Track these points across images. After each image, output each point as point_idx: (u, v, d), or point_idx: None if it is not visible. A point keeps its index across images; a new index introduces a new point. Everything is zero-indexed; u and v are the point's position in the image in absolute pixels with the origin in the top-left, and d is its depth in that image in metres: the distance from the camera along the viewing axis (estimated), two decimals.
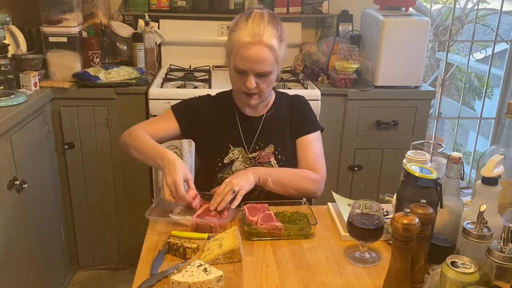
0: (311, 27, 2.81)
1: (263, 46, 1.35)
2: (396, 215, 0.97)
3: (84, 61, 2.30)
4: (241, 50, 1.37)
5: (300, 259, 1.18)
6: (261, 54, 1.36)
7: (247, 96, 1.45)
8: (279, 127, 1.55)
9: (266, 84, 1.42)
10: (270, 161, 1.52)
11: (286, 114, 1.58)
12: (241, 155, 1.51)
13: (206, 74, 2.47)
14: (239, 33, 1.38)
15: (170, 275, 1.07)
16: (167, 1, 2.57)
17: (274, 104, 1.58)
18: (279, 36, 1.39)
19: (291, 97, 1.63)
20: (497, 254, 0.88)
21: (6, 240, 1.73)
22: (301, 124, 1.56)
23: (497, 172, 1.03)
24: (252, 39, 1.35)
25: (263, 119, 1.56)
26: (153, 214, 1.31)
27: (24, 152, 1.90)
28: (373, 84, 2.34)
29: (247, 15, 1.40)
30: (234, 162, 1.51)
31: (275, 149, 1.53)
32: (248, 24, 1.37)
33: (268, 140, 1.53)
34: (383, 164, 2.44)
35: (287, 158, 1.53)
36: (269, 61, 1.38)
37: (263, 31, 1.35)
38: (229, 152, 1.51)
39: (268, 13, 1.41)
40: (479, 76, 4.89)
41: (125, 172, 2.32)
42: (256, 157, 1.52)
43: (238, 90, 1.45)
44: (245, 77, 1.40)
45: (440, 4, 4.18)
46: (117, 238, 2.45)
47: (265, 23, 1.37)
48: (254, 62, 1.37)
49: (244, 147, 1.53)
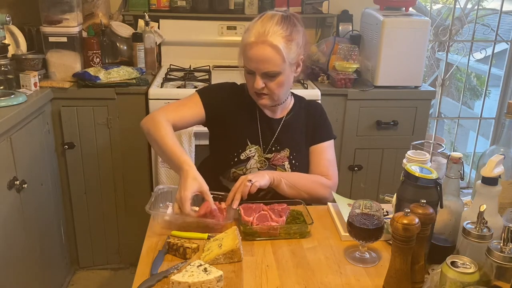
0: (311, 27, 2.81)
1: (266, 46, 1.36)
2: (396, 215, 0.97)
3: (84, 61, 2.30)
4: (246, 50, 1.38)
5: (300, 259, 1.18)
6: (264, 53, 1.36)
7: (257, 96, 1.46)
8: (296, 132, 1.56)
9: (275, 85, 1.42)
10: (284, 164, 1.53)
11: (304, 120, 1.58)
12: (258, 154, 1.52)
13: (206, 74, 2.47)
14: (247, 34, 1.39)
15: (170, 275, 1.07)
16: (167, 1, 2.57)
17: (293, 109, 1.59)
18: (287, 36, 1.38)
19: (309, 104, 1.63)
20: (497, 254, 0.88)
21: (6, 240, 1.73)
22: (317, 131, 1.58)
23: (497, 172, 1.03)
24: (256, 39, 1.36)
25: (282, 122, 1.56)
26: (153, 208, 1.31)
27: (24, 152, 1.90)
28: (373, 84, 2.34)
29: (259, 16, 1.41)
30: (250, 159, 1.51)
31: (290, 153, 1.53)
32: (256, 24, 1.38)
33: (284, 143, 1.54)
34: (383, 164, 2.44)
35: (300, 164, 1.54)
36: (275, 61, 1.37)
37: (268, 31, 1.36)
38: (246, 149, 1.51)
39: (282, 14, 1.40)
40: (479, 76, 4.90)
41: (125, 172, 2.32)
42: (271, 158, 1.53)
43: (251, 90, 1.46)
44: (254, 77, 1.41)
45: (440, 4, 4.19)
46: (117, 238, 2.45)
47: (272, 23, 1.37)
48: (259, 61, 1.37)
49: (261, 147, 1.53)
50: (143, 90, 2.20)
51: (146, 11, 2.52)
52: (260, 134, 1.53)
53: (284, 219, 1.29)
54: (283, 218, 1.29)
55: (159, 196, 1.37)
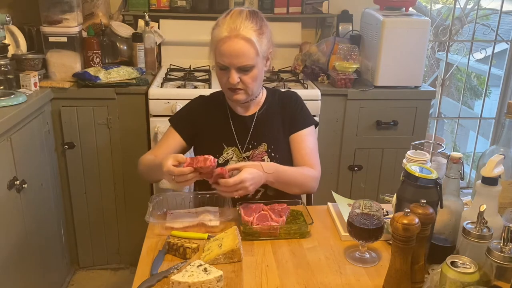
0: (311, 27, 2.81)
1: (240, 39, 1.37)
2: (396, 215, 0.97)
3: (84, 61, 2.30)
4: (219, 45, 1.39)
5: (300, 259, 1.18)
6: (238, 47, 1.37)
7: (232, 91, 1.45)
8: (271, 125, 1.56)
9: (250, 79, 1.43)
10: (263, 159, 1.52)
11: (278, 111, 1.58)
12: (235, 155, 1.52)
13: (206, 74, 2.47)
14: (218, 30, 1.40)
15: (170, 275, 1.08)
16: (167, 1, 2.57)
17: (266, 102, 1.59)
18: (258, 30, 1.40)
19: (283, 94, 1.63)
20: (497, 254, 0.88)
21: (6, 240, 1.73)
22: (294, 120, 1.56)
23: (497, 172, 1.03)
24: (229, 33, 1.37)
25: (255, 118, 1.56)
26: (152, 216, 1.31)
27: (24, 152, 1.90)
28: (373, 84, 2.34)
29: (226, 13, 1.42)
30: (228, 162, 1.51)
31: (268, 147, 1.53)
32: (226, 20, 1.40)
33: (261, 139, 1.54)
34: (383, 164, 2.44)
35: (280, 156, 1.53)
36: (249, 54, 1.38)
37: (239, 26, 1.37)
38: (223, 152, 1.52)
39: (248, 10, 1.43)
40: (479, 76, 4.90)
41: (125, 172, 2.32)
42: (249, 156, 1.53)
43: (224, 87, 1.47)
44: (228, 73, 1.41)
45: (440, 4, 4.19)
46: (117, 238, 2.45)
47: (242, 18, 1.39)
48: (233, 56, 1.38)
49: (238, 147, 1.53)
50: (143, 90, 2.20)
51: (146, 11, 2.52)
52: (235, 134, 1.54)
53: (284, 219, 1.29)
54: (283, 218, 1.29)
55: (156, 205, 1.37)
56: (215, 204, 1.40)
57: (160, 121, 2.17)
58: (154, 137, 2.20)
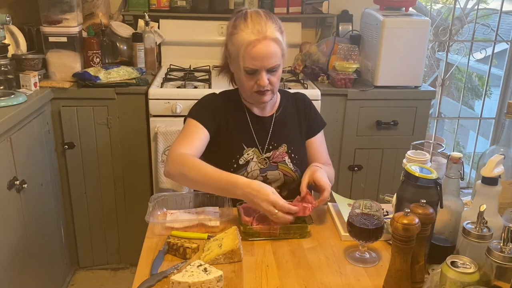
0: (311, 27, 2.81)
1: (269, 41, 1.36)
2: (396, 215, 0.97)
3: (84, 61, 2.31)
4: (248, 49, 1.36)
5: (300, 259, 1.18)
6: (269, 49, 1.37)
7: (260, 94, 1.44)
8: (289, 127, 1.57)
9: (277, 79, 1.44)
10: (284, 160, 1.53)
11: (294, 114, 1.60)
12: (256, 156, 1.51)
13: (206, 74, 2.47)
14: (241, 35, 1.37)
15: (170, 275, 1.07)
16: (167, 1, 2.57)
17: (281, 104, 1.59)
18: (279, 29, 1.40)
19: (294, 96, 1.64)
20: (497, 254, 0.88)
21: (6, 240, 1.73)
22: (311, 125, 1.61)
23: (497, 172, 1.03)
24: (257, 36, 1.35)
25: (274, 119, 1.56)
26: (152, 216, 1.31)
27: (24, 152, 1.90)
28: (373, 84, 2.34)
29: (243, 16, 1.40)
30: (249, 163, 1.50)
31: (288, 148, 1.54)
32: (248, 23, 1.37)
33: (280, 139, 1.54)
34: (383, 164, 2.44)
35: (300, 156, 1.55)
36: (278, 54, 1.39)
37: (264, 27, 1.36)
38: (244, 153, 1.50)
39: (262, 10, 1.42)
40: (480, 76, 4.90)
41: (125, 172, 2.32)
42: (270, 157, 1.53)
43: (250, 90, 1.44)
44: (257, 76, 1.40)
45: (440, 4, 4.19)
46: (117, 238, 2.45)
47: (264, 19, 1.38)
48: (265, 58, 1.37)
49: (258, 148, 1.53)
50: (143, 90, 2.20)
51: (146, 11, 2.52)
52: (254, 135, 1.53)
53: None
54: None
55: (156, 205, 1.36)
56: (215, 204, 1.40)
57: (160, 121, 2.17)
58: (154, 137, 2.20)
